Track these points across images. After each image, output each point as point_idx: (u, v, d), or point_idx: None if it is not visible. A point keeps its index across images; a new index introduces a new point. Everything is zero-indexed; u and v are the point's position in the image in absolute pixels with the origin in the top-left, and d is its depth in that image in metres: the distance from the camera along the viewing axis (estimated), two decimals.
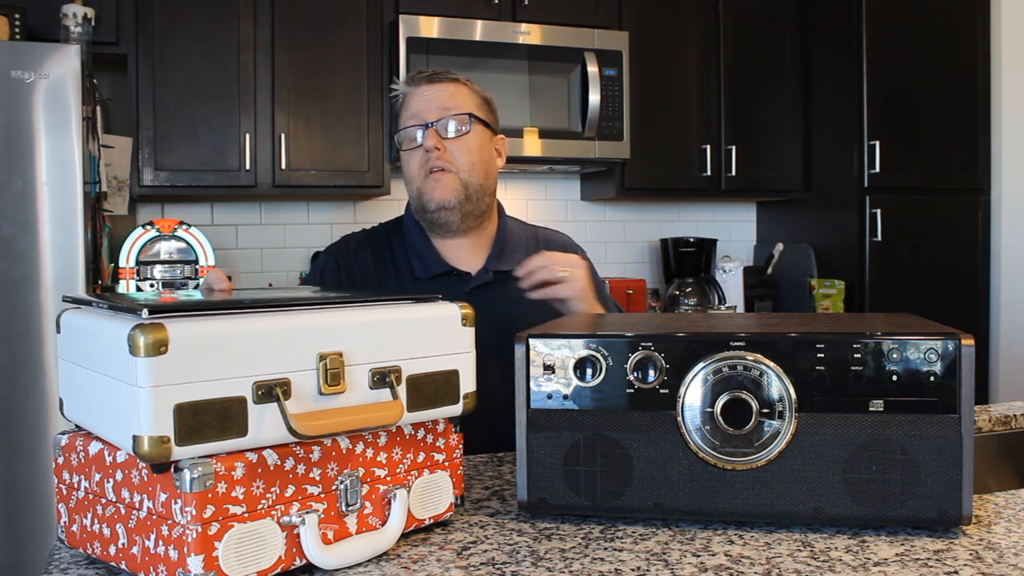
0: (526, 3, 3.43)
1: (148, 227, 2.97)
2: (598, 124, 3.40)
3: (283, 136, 3.20)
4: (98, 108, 2.88)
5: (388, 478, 1.02)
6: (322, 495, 0.95)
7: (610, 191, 3.67)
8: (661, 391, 1.09)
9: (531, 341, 1.12)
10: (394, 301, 1.06)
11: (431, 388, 1.04)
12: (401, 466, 1.03)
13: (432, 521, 1.07)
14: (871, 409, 1.05)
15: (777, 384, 1.06)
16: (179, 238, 2.98)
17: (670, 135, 3.68)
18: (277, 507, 0.91)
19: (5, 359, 2.44)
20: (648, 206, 4.07)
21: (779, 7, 3.82)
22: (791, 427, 1.05)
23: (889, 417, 1.04)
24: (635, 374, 1.09)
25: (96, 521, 0.95)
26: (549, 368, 1.11)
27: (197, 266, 2.98)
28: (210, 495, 0.85)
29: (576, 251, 1.77)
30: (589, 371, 1.10)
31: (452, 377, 1.06)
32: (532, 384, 1.12)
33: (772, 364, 1.06)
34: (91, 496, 0.96)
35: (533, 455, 1.11)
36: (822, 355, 1.06)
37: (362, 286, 1.64)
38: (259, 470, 0.89)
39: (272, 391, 0.90)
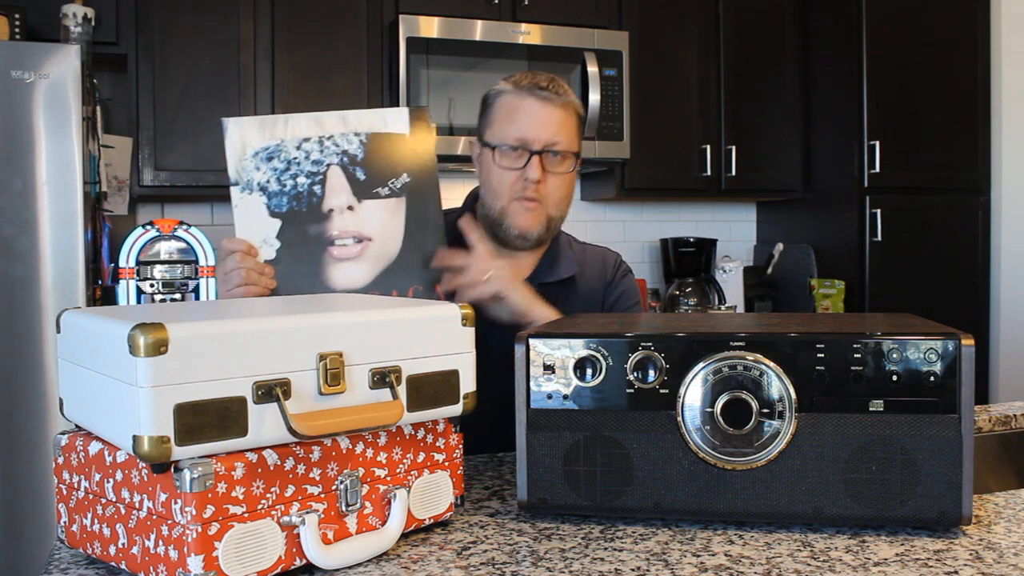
0: (526, 3, 3.43)
1: (148, 227, 2.97)
2: (598, 124, 3.40)
3: None
4: (98, 108, 2.88)
5: (388, 478, 1.02)
6: (322, 495, 0.95)
7: (610, 191, 3.67)
8: (661, 391, 1.09)
9: (531, 341, 1.12)
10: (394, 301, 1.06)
11: (431, 388, 1.04)
12: (401, 466, 1.03)
13: (432, 521, 1.07)
14: (871, 409, 1.05)
15: (777, 384, 1.06)
16: (179, 238, 2.98)
17: (670, 135, 3.68)
18: (277, 507, 0.91)
19: (5, 359, 2.44)
20: (648, 206, 4.07)
21: (779, 7, 3.82)
22: (791, 427, 1.05)
23: (889, 417, 1.04)
24: (635, 374, 1.09)
25: (96, 521, 0.95)
26: (549, 368, 1.11)
27: (197, 266, 2.98)
28: (210, 495, 0.85)
29: (621, 267, 1.73)
30: (589, 371, 1.10)
31: (452, 377, 1.06)
32: (532, 384, 1.12)
33: (772, 364, 1.06)
34: (91, 496, 0.96)
35: (533, 455, 1.11)
36: (822, 355, 1.06)
37: None
38: (259, 470, 0.89)
39: (272, 391, 0.90)
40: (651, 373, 1.09)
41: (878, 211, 3.56)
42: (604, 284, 1.70)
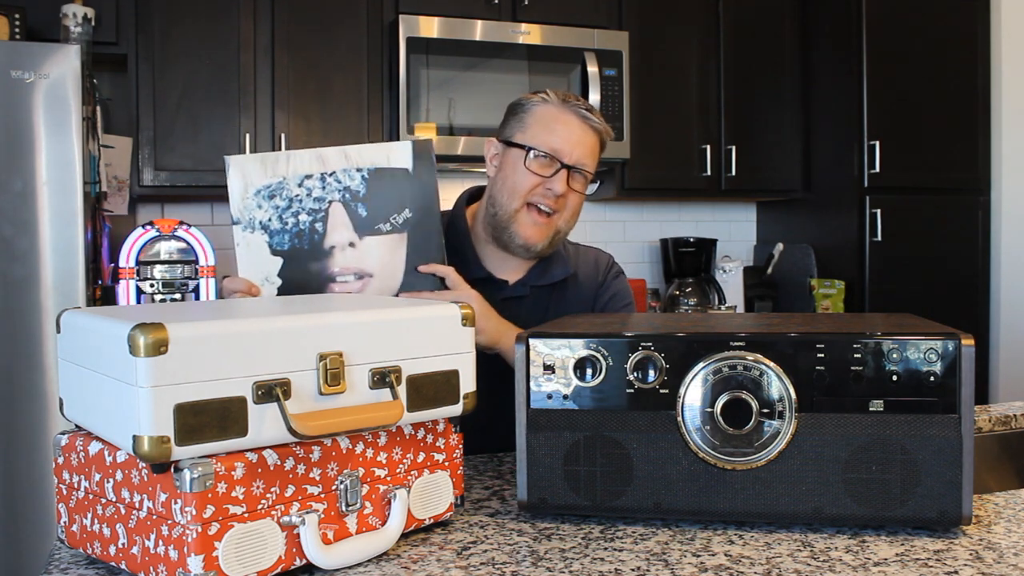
0: (526, 3, 3.42)
1: (148, 227, 2.97)
2: None
3: (283, 136, 3.20)
4: (98, 108, 2.88)
5: (388, 478, 1.02)
6: (322, 495, 0.95)
7: (610, 191, 3.67)
8: (661, 391, 1.09)
9: (531, 341, 1.12)
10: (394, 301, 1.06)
11: (431, 388, 1.04)
12: (401, 466, 1.03)
13: (432, 521, 1.07)
14: (871, 409, 1.05)
15: (777, 384, 1.06)
16: (179, 238, 2.98)
17: (670, 135, 3.67)
18: (277, 507, 0.91)
19: (5, 359, 2.44)
20: (648, 206, 4.07)
21: (779, 7, 3.82)
22: (791, 427, 1.05)
23: (889, 417, 1.04)
24: (635, 374, 1.09)
25: (96, 521, 0.95)
26: (549, 368, 1.11)
27: (197, 266, 2.98)
28: (210, 495, 0.85)
29: (613, 268, 1.74)
30: (589, 371, 1.10)
31: (452, 377, 1.06)
32: (532, 384, 1.12)
33: (772, 364, 1.06)
34: (91, 496, 0.96)
35: (533, 455, 1.11)
36: (822, 355, 1.06)
37: None
38: (259, 470, 0.89)
39: (272, 391, 0.90)
40: (651, 373, 1.09)
41: (878, 211, 3.55)
42: (596, 286, 1.70)
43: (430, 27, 3.24)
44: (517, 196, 1.56)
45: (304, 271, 1.39)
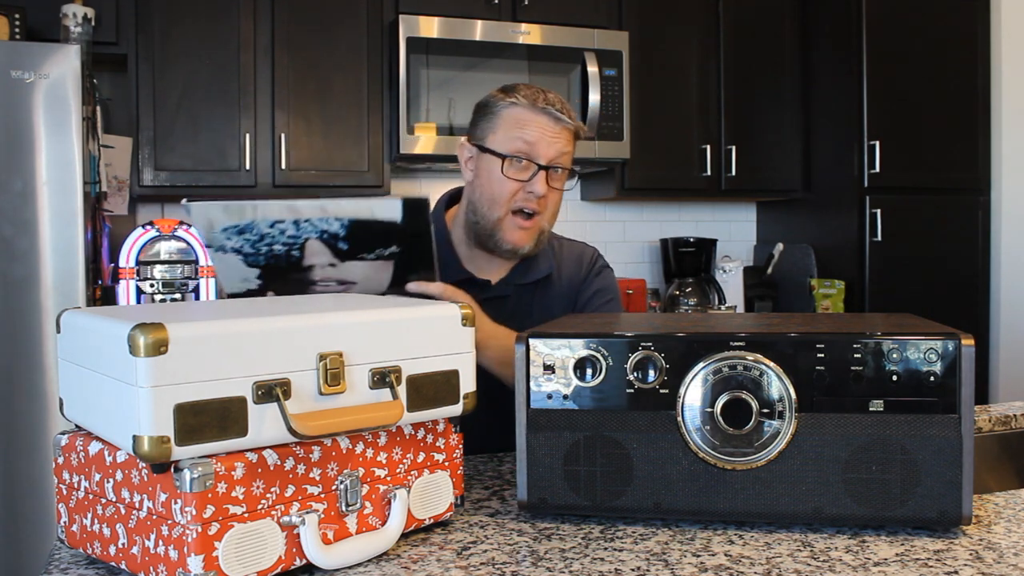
0: (526, 3, 3.42)
1: (148, 227, 2.97)
2: (598, 124, 3.40)
3: (283, 136, 3.20)
4: (98, 108, 2.88)
5: (388, 478, 1.02)
6: (322, 495, 0.95)
7: (610, 191, 3.67)
8: (661, 391, 1.09)
9: (531, 341, 1.12)
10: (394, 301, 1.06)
11: (431, 388, 1.04)
12: (401, 466, 1.03)
13: (432, 521, 1.07)
14: (871, 409, 1.05)
15: (777, 384, 1.06)
16: (179, 238, 2.98)
17: (670, 135, 3.67)
18: (277, 507, 0.91)
19: (5, 359, 2.44)
20: (648, 206, 4.07)
21: (779, 7, 3.82)
22: (791, 427, 1.05)
23: (889, 417, 1.04)
24: (635, 374, 1.09)
25: (96, 521, 0.95)
26: (549, 368, 1.11)
27: (197, 266, 2.98)
28: (210, 495, 0.85)
29: (597, 263, 1.74)
30: (589, 371, 1.10)
31: (452, 377, 1.06)
32: (532, 384, 1.12)
33: (772, 364, 1.06)
34: (91, 496, 0.96)
35: (533, 455, 1.11)
36: (822, 355, 1.06)
37: None
38: (259, 470, 0.89)
39: (272, 391, 0.90)
40: (651, 373, 1.09)
41: (878, 211, 3.55)
42: (579, 281, 1.70)
43: (430, 27, 3.24)
44: (499, 205, 1.55)
45: (284, 278, 1.35)
